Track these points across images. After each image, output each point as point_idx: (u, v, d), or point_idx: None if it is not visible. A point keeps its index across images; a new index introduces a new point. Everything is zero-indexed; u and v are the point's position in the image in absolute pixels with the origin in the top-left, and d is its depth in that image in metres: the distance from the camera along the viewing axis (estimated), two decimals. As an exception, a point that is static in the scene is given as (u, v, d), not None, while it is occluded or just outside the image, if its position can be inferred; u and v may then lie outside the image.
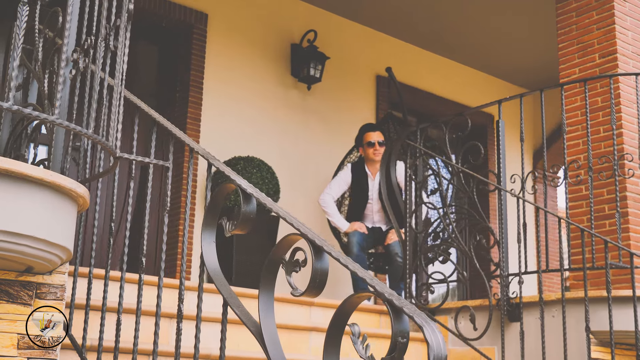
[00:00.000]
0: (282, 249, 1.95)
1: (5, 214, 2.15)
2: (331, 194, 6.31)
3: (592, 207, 4.37)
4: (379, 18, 8.05)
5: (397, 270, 5.85)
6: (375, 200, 6.23)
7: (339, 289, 6.80)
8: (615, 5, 5.08)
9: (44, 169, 2.21)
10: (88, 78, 2.48)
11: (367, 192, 6.24)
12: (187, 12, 6.96)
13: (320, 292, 1.87)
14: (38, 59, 2.94)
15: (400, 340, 1.57)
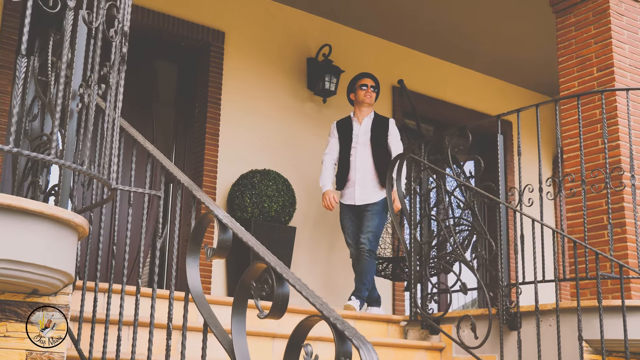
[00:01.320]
0: (251, 275, 2.16)
1: (10, 244, 2.40)
2: (328, 152, 6.29)
3: (585, 219, 4.51)
4: (392, 29, 8.23)
5: (364, 267, 5.87)
6: (361, 145, 6.14)
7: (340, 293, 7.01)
8: (611, 20, 5.22)
9: (42, 203, 2.45)
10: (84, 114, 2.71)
11: (351, 137, 6.19)
12: (204, 31, 7.22)
13: (283, 315, 2.08)
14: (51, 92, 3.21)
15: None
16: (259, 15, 7.63)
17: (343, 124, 6.32)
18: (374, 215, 5.94)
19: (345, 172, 6.14)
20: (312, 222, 7.43)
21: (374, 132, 6.16)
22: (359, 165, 6.09)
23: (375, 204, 5.97)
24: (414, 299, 5.23)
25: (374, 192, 6.01)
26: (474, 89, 9.18)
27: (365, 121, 6.23)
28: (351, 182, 6.10)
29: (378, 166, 6.04)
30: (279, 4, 7.78)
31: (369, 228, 5.91)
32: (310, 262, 7.37)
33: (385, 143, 6.14)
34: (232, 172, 7.00)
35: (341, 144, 6.22)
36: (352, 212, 6.08)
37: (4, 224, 2.35)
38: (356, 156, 6.12)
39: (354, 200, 6.05)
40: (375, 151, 6.09)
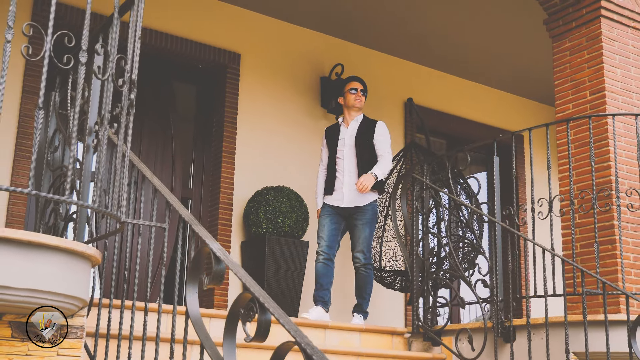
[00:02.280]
0: (239, 304, 2.47)
1: (31, 275, 2.72)
2: (321, 164, 6.30)
3: (573, 237, 4.77)
4: (403, 47, 8.50)
5: (362, 281, 5.90)
6: (347, 148, 6.11)
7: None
8: (603, 46, 5.45)
9: (58, 238, 2.76)
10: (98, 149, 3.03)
11: (337, 140, 6.17)
12: (221, 54, 7.55)
13: (265, 339, 2.38)
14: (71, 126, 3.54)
15: (311, 380, 2.06)
16: (273, 36, 7.94)
17: (331, 130, 6.34)
18: (364, 226, 5.91)
19: (333, 176, 6.10)
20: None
21: (360, 134, 6.12)
22: (346, 168, 6.06)
23: (365, 211, 5.93)
24: (416, 313, 5.51)
25: (361, 195, 5.94)
26: (485, 103, 9.42)
27: (352, 124, 6.21)
28: (339, 185, 6.04)
29: (363, 168, 5.98)
30: (293, 25, 8.08)
31: (360, 240, 5.90)
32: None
33: (371, 145, 6.08)
34: (248, 188, 7.31)
35: (329, 149, 6.23)
36: (335, 213, 6.00)
37: (25, 257, 2.68)
38: (343, 159, 6.09)
39: (342, 202, 5.99)
40: (359, 153, 6.04)
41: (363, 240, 5.90)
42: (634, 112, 5.43)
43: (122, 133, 3.01)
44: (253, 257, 7.12)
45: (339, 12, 7.78)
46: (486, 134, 9.11)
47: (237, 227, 7.31)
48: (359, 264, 5.90)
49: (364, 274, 5.89)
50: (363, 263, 5.87)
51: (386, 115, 8.54)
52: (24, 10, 6.38)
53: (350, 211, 5.97)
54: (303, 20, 8.02)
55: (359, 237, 5.92)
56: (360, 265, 5.88)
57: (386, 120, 8.52)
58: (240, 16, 7.74)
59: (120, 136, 2.98)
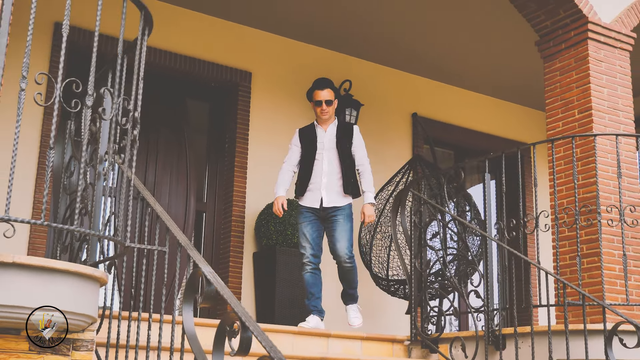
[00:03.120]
0: (226, 322, 2.80)
1: (46, 296, 3.07)
2: (287, 160, 6.27)
3: (557, 251, 5.05)
4: (409, 61, 8.80)
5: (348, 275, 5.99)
6: (327, 151, 6.12)
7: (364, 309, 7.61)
8: (590, 67, 5.72)
9: (68, 262, 3.11)
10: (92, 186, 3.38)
11: (316, 143, 6.15)
12: (233, 72, 7.91)
13: (247, 353, 2.70)
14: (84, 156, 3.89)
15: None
16: (283, 54, 8.28)
17: (306, 131, 6.29)
18: (344, 220, 5.98)
19: (308, 177, 6.09)
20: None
21: (340, 138, 6.13)
22: (326, 170, 6.07)
23: (342, 208, 6.02)
24: (414, 321, 5.81)
25: (339, 197, 6.04)
26: (491, 114, 9.69)
27: (330, 128, 6.21)
28: (315, 187, 6.06)
29: (344, 172, 6.06)
30: (302, 43, 8.42)
31: (342, 235, 5.96)
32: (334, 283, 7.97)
33: (350, 150, 6.13)
34: (259, 202, 7.66)
35: (305, 150, 6.18)
36: (314, 216, 6.06)
37: (39, 280, 3.03)
38: (322, 161, 6.09)
39: (320, 203, 6.03)
40: (342, 157, 6.09)
41: (345, 235, 5.95)
42: (620, 129, 5.70)
43: (126, 163, 3.36)
44: (264, 267, 7.46)
45: (345, 30, 8.10)
46: (493, 144, 9.38)
47: (249, 239, 7.65)
48: (342, 260, 5.93)
49: (349, 267, 5.96)
50: (346, 259, 5.91)
51: (394, 128, 8.86)
52: (43, 51, 6.78)
53: (329, 211, 6.02)
54: (311, 38, 8.35)
55: (341, 231, 5.96)
56: (344, 261, 5.92)
57: (394, 133, 8.87)
58: (251, 36, 8.09)
59: (126, 164, 3.33)
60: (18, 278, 2.98)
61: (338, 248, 5.97)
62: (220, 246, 7.62)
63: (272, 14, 7.79)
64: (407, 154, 8.79)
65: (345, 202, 6.07)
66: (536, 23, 6.05)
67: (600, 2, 5.93)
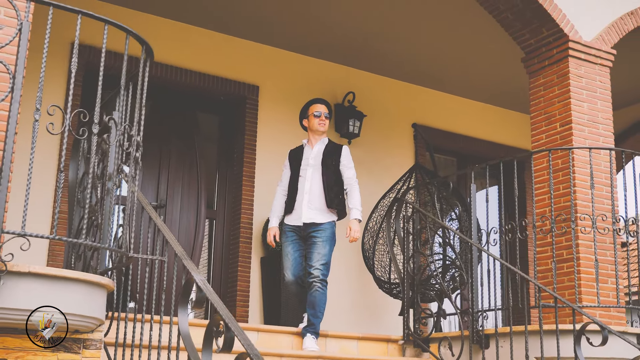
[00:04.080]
0: (213, 323, 3.21)
1: (59, 300, 3.50)
2: (280, 184, 6.35)
3: (535, 256, 5.41)
4: (410, 73, 9.16)
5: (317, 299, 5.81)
6: (311, 168, 6.15)
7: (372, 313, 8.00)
8: (571, 83, 6.07)
9: (78, 272, 3.54)
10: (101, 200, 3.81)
11: (301, 160, 6.20)
12: (241, 86, 8.33)
13: (230, 350, 3.11)
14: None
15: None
16: (289, 68, 8.70)
17: (295, 152, 6.37)
18: (324, 243, 5.93)
19: (294, 196, 6.14)
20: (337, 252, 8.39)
21: (326, 156, 6.16)
22: (308, 188, 6.09)
23: (324, 229, 5.97)
24: (407, 322, 6.20)
25: (321, 214, 6.02)
26: (491, 122, 10.03)
27: (317, 146, 6.24)
28: (298, 204, 6.09)
29: (327, 190, 6.05)
30: (308, 57, 8.82)
31: (320, 256, 5.89)
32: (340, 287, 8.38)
33: (337, 168, 6.16)
34: (267, 209, 8.03)
35: (292, 169, 6.25)
36: (296, 235, 6.07)
37: (54, 287, 3.46)
38: (305, 178, 6.12)
39: (300, 219, 6.04)
40: (325, 175, 6.08)
41: (322, 257, 5.88)
42: (600, 141, 6.06)
43: (130, 181, 3.79)
44: (271, 271, 7.87)
45: (348, 44, 8.48)
46: (493, 151, 9.74)
47: (257, 245, 8.07)
48: (315, 279, 5.82)
49: (319, 291, 5.81)
50: (320, 278, 5.81)
51: (397, 137, 9.24)
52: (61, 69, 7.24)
53: (309, 227, 5.99)
54: (316, 52, 8.74)
55: (319, 253, 5.89)
56: (317, 281, 5.81)
57: (397, 142, 9.25)
58: (258, 51, 8.51)
59: (130, 182, 3.76)
60: (33, 285, 3.42)
61: (314, 269, 5.87)
62: (230, 251, 8.04)
63: (279, 30, 8.20)
64: (409, 162, 9.15)
65: (326, 220, 6.00)
66: (521, 41, 6.41)
67: (582, 21, 6.28)
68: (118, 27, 3.79)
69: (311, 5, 7.63)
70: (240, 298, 7.83)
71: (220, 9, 7.72)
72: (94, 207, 4.20)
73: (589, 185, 5.85)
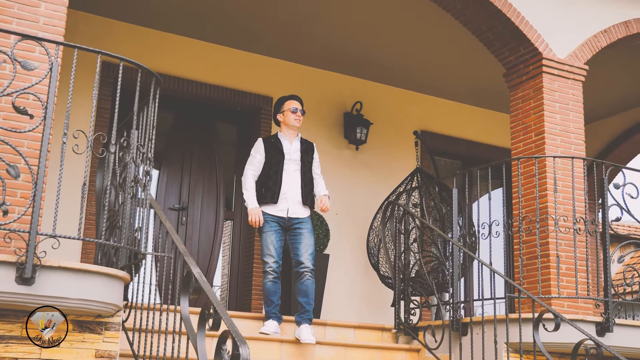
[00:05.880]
0: (205, 308, 3.97)
1: (84, 290, 4.29)
2: (251, 169, 6.47)
3: (505, 254, 6.09)
4: (415, 81, 9.82)
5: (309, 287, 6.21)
6: (292, 163, 6.43)
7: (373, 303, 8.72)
8: (544, 96, 6.72)
9: (99, 266, 4.32)
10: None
11: (283, 154, 6.44)
12: (256, 98, 9.10)
13: (218, 330, 3.86)
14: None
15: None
16: (301, 80, 9.43)
17: (271, 142, 6.56)
18: (309, 233, 6.32)
19: (277, 187, 6.37)
20: (342, 249, 9.13)
21: (303, 153, 6.52)
22: (290, 182, 6.40)
23: (306, 221, 6.38)
24: (398, 313, 6.90)
25: (301, 209, 6.41)
26: (492, 127, 10.66)
27: (295, 142, 6.55)
28: (282, 197, 6.36)
29: (305, 185, 6.43)
30: (318, 69, 9.56)
31: (308, 246, 6.26)
32: (346, 280, 9.11)
33: (311, 165, 6.54)
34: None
35: (272, 160, 6.45)
36: (278, 225, 6.34)
37: (79, 279, 4.25)
38: (289, 173, 6.41)
39: (286, 212, 6.34)
40: (303, 171, 6.46)
41: (310, 247, 6.26)
42: (571, 149, 6.71)
43: (142, 190, 4.56)
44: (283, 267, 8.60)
45: (355, 56, 9.16)
46: (495, 154, 10.38)
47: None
48: (306, 269, 6.19)
49: (310, 279, 6.21)
50: (311, 268, 6.21)
51: (402, 142, 9.92)
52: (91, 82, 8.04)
53: (293, 220, 6.36)
54: (325, 64, 9.47)
55: (307, 244, 6.26)
56: (308, 270, 6.19)
57: (402, 147, 9.94)
58: (272, 64, 9.27)
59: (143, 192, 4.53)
60: (63, 277, 4.21)
61: (304, 259, 6.21)
62: (246, 249, 8.82)
63: (290, 45, 8.93)
64: (414, 165, 9.81)
65: (305, 214, 6.42)
66: (502, 58, 7.07)
67: (556, 39, 6.93)
68: (132, 64, 4.56)
69: (320, 24, 8.33)
70: (255, 291, 8.60)
71: (236, 27, 8.48)
72: (116, 212, 4.99)
73: (560, 189, 6.50)
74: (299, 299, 6.27)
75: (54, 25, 4.80)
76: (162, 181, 8.69)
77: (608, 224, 6.16)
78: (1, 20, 4.66)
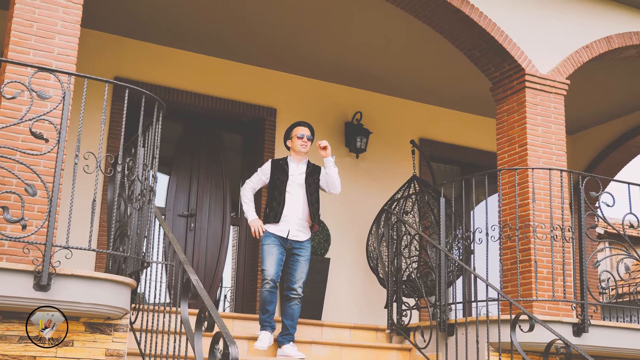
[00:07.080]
0: (202, 311, 4.44)
1: (95, 295, 4.77)
2: (250, 183, 6.79)
3: (487, 259, 6.52)
4: (414, 91, 10.22)
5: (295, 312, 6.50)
6: (297, 186, 6.65)
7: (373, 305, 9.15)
8: (527, 110, 7.14)
9: (108, 274, 4.80)
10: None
11: (288, 176, 6.67)
12: (260, 109, 9.57)
13: (212, 331, 4.32)
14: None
15: (225, 352, 4.00)
16: (304, 91, 9.89)
17: (279, 164, 6.82)
18: (305, 262, 6.60)
19: (280, 208, 6.59)
20: (343, 252, 9.58)
21: (309, 175, 6.72)
22: (293, 204, 6.62)
23: (305, 247, 6.62)
24: (390, 314, 7.35)
25: (304, 231, 6.65)
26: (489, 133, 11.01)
27: (301, 165, 6.79)
28: (285, 218, 6.57)
29: (311, 205, 6.65)
30: (320, 81, 10.00)
31: (302, 274, 6.57)
32: (346, 283, 9.56)
33: (317, 184, 6.77)
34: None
35: (277, 181, 6.69)
36: (280, 244, 6.54)
37: (90, 285, 4.74)
38: (292, 195, 6.64)
39: (286, 233, 6.55)
40: (309, 192, 6.66)
41: (304, 275, 6.59)
42: (553, 159, 7.13)
43: (146, 204, 5.04)
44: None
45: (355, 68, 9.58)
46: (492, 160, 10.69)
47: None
48: (297, 296, 6.51)
49: (298, 305, 6.53)
50: (301, 296, 6.54)
51: (401, 150, 10.34)
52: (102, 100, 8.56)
53: (292, 244, 6.59)
54: (327, 76, 9.91)
55: (301, 272, 6.57)
56: (297, 297, 6.51)
57: (401, 154, 10.36)
58: (275, 77, 9.74)
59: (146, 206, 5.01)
60: (76, 284, 4.70)
61: (297, 287, 6.52)
62: (252, 254, 9.29)
63: (293, 59, 9.38)
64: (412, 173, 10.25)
65: (305, 237, 6.63)
66: (488, 73, 7.50)
67: (539, 56, 7.35)
68: (137, 90, 5.04)
69: (322, 40, 8.76)
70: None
71: (241, 43, 8.95)
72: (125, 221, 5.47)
73: (541, 197, 6.91)
74: (284, 320, 6.50)
75: (67, 55, 5.29)
76: (171, 188, 9.17)
77: (584, 231, 6.57)
78: (19, 51, 5.16)
